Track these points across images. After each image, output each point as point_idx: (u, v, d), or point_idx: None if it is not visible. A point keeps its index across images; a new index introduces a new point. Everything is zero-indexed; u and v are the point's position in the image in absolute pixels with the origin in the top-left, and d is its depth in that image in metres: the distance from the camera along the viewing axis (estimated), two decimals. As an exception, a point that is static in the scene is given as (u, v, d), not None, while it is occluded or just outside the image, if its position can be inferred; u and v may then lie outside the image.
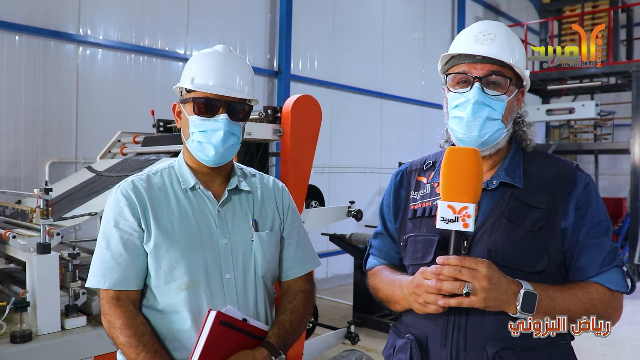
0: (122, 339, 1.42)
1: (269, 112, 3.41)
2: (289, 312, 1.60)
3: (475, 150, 1.26)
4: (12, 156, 4.91)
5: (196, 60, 1.56)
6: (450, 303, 1.23)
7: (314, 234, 5.70)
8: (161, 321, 1.49)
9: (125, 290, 1.46)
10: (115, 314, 1.44)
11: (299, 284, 1.69)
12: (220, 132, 1.48)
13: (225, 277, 1.51)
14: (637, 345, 5.46)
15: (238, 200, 1.61)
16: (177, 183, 1.56)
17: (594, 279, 1.33)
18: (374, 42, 8.98)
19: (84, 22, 5.40)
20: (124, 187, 1.52)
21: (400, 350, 1.42)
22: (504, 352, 1.27)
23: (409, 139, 9.58)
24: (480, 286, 1.20)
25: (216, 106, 1.49)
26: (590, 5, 10.80)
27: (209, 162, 1.53)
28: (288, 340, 1.55)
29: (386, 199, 1.62)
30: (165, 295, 1.48)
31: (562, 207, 1.34)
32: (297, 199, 3.36)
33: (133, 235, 1.47)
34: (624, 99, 11.49)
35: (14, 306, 2.33)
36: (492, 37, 1.35)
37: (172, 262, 1.46)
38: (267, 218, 1.64)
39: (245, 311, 1.52)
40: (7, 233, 2.60)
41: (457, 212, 1.23)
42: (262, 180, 1.71)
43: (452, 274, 1.20)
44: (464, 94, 1.35)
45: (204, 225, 1.52)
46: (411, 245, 1.46)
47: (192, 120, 1.51)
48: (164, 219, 1.49)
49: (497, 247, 1.31)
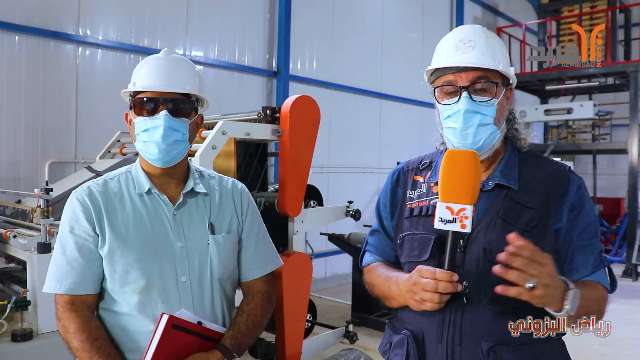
0: (76, 343, 1.43)
1: (268, 112, 3.42)
2: (245, 313, 1.62)
3: (474, 153, 1.29)
4: (12, 156, 4.93)
5: (139, 66, 1.59)
6: (510, 292, 1.18)
7: (313, 233, 5.72)
8: (117, 323, 1.51)
9: (80, 295, 1.48)
10: (69, 318, 1.45)
11: (258, 285, 1.70)
12: (160, 128, 1.49)
13: (181, 280, 1.52)
14: (635, 344, 5.48)
15: (194, 203, 1.61)
16: (133, 187, 1.57)
17: (590, 278, 1.36)
18: (372, 43, 9.00)
19: (84, 23, 5.41)
20: (80, 192, 1.54)
21: (397, 346, 1.45)
22: (498, 347, 1.30)
23: (408, 139, 9.60)
24: (544, 283, 1.17)
25: (156, 104, 1.51)
26: (588, 6, 10.83)
27: (156, 162, 1.54)
28: (243, 343, 1.56)
29: (383, 197, 1.64)
30: (120, 298, 1.50)
31: (555, 208, 1.37)
32: (295, 199, 3.38)
33: (88, 240, 1.49)
34: (622, 99, 11.51)
35: (15, 305, 2.35)
36: (472, 45, 1.37)
37: (127, 266, 1.47)
38: (225, 220, 1.64)
39: (202, 314, 1.53)
40: (7, 232, 2.62)
41: (455, 213, 1.25)
42: (221, 182, 1.72)
43: (521, 266, 1.16)
44: (453, 106, 1.37)
45: (159, 229, 1.53)
46: (408, 243, 1.48)
47: (137, 121, 1.53)
48: (118, 223, 1.50)
49: (492, 246, 1.34)
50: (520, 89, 11.30)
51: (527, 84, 10.56)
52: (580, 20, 10.36)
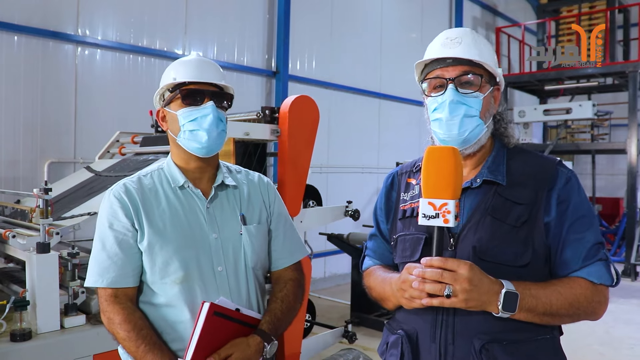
0: (122, 334, 1.49)
1: (267, 112, 3.43)
2: (279, 300, 1.68)
3: (453, 149, 1.30)
4: (11, 156, 4.93)
5: (174, 65, 1.66)
6: (432, 303, 1.26)
7: (312, 233, 5.72)
8: (158, 315, 1.55)
9: (122, 288, 1.53)
10: (114, 310, 1.51)
11: (288, 273, 1.76)
12: (210, 116, 1.57)
13: (217, 270, 1.59)
14: (634, 344, 5.49)
15: (225, 196, 1.68)
16: (167, 183, 1.64)
17: (577, 273, 1.35)
18: (372, 43, 9.01)
19: (83, 23, 5.41)
20: (117, 190, 1.60)
21: (392, 346, 1.47)
22: (490, 345, 1.31)
23: (407, 139, 9.61)
24: (461, 288, 1.23)
25: (202, 95, 1.59)
26: (587, 6, 10.85)
27: (201, 150, 1.60)
28: (279, 327, 1.63)
29: (379, 202, 1.68)
30: (161, 290, 1.55)
31: (544, 201, 1.38)
32: (294, 199, 3.38)
33: (127, 235, 1.54)
34: (620, 99, 11.53)
35: (14, 305, 2.34)
36: (459, 41, 1.42)
37: (166, 258, 1.53)
38: (254, 212, 1.71)
39: (238, 301, 1.59)
40: (6, 232, 2.61)
41: (437, 208, 1.27)
42: (247, 176, 1.80)
43: (434, 277, 1.24)
44: (439, 97, 1.41)
45: (194, 222, 1.60)
46: (400, 244, 1.51)
47: (181, 112, 1.59)
48: (155, 218, 1.57)
49: (482, 244, 1.35)
50: (519, 89, 11.32)
51: (526, 84, 10.58)
52: (579, 21, 10.37)
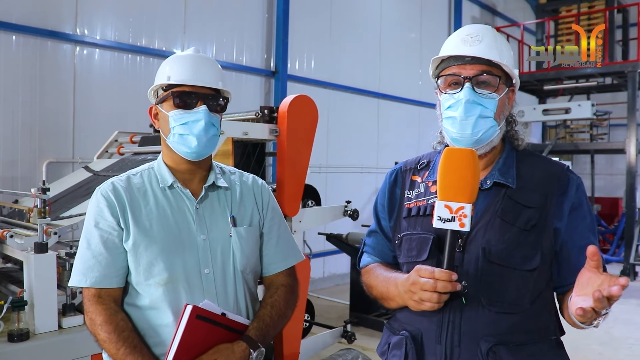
0: (103, 335, 1.45)
1: (266, 112, 3.42)
2: (269, 306, 1.63)
3: (473, 151, 1.28)
4: (10, 156, 4.92)
5: (169, 62, 1.61)
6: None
7: (311, 233, 5.72)
8: (142, 317, 1.52)
9: (106, 288, 1.49)
10: (96, 311, 1.47)
11: (281, 278, 1.72)
12: (201, 122, 1.53)
13: (204, 272, 1.54)
14: (633, 344, 5.49)
15: (216, 197, 1.64)
16: (156, 183, 1.61)
17: None
18: (371, 42, 9.00)
19: (81, 22, 5.40)
20: (104, 188, 1.57)
21: (395, 347, 1.44)
22: (497, 348, 1.30)
23: (406, 139, 9.61)
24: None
25: (194, 99, 1.54)
26: (586, 6, 10.85)
27: (191, 154, 1.56)
28: (268, 334, 1.58)
29: (380, 198, 1.64)
30: (145, 291, 1.51)
31: (555, 207, 1.37)
32: (293, 199, 3.38)
33: (112, 235, 1.51)
34: (619, 99, 11.54)
35: (12, 305, 2.34)
36: (480, 39, 1.39)
37: (151, 259, 1.50)
38: (246, 214, 1.67)
39: (225, 305, 1.54)
40: (4, 232, 2.60)
41: (453, 211, 1.25)
42: (241, 177, 1.76)
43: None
44: (455, 95, 1.38)
45: (182, 222, 1.56)
46: (406, 243, 1.48)
47: (172, 114, 1.54)
48: (142, 217, 1.53)
49: (491, 246, 1.34)
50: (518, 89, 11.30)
51: (525, 84, 10.57)
52: (578, 20, 10.37)
